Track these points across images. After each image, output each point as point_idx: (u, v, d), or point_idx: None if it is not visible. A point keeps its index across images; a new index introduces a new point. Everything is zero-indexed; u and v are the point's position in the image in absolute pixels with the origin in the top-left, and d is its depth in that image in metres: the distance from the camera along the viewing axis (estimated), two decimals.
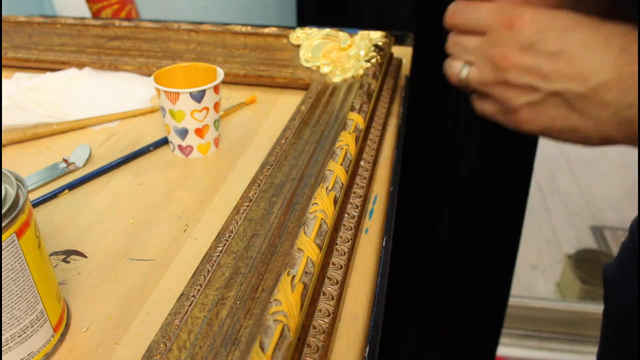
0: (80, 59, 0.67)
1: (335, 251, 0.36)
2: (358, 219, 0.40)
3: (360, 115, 0.46)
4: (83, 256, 0.39)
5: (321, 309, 0.32)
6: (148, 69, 0.65)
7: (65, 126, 0.55)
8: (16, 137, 0.53)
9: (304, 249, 0.30)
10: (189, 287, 0.32)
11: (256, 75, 0.63)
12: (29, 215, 0.29)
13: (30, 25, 0.72)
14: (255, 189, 0.41)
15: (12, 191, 0.28)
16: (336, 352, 0.32)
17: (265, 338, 0.24)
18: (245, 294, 0.31)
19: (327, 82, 0.60)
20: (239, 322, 0.29)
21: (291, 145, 0.47)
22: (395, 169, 0.49)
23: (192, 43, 0.67)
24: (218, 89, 0.50)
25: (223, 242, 0.35)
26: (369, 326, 0.33)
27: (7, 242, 0.27)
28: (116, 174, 0.49)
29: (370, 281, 0.37)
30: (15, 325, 0.28)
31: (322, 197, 0.35)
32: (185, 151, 0.52)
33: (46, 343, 0.31)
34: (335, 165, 0.38)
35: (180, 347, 0.28)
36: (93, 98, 0.61)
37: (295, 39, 0.65)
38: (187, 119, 0.49)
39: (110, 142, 0.54)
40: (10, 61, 0.69)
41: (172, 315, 0.30)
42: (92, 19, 0.74)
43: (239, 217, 0.38)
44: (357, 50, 0.62)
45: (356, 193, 0.43)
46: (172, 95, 0.48)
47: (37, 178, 0.47)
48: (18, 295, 0.28)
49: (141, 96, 0.62)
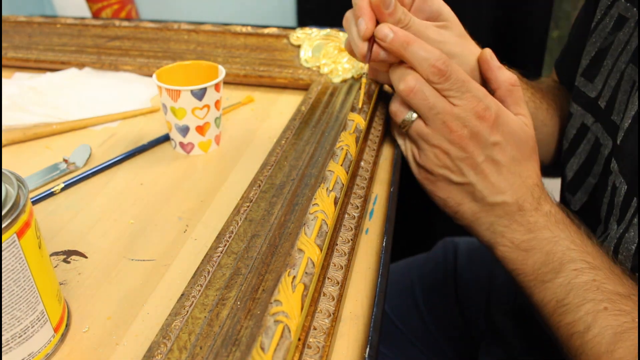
0: (80, 59, 0.67)
1: (336, 252, 0.36)
2: (358, 219, 0.40)
3: (360, 116, 0.46)
4: (83, 256, 0.39)
5: (321, 310, 0.32)
6: (148, 69, 0.65)
7: (65, 126, 0.55)
8: (16, 137, 0.53)
9: (304, 250, 0.30)
10: (189, 287, 0.32)
11: (256, 75, 0.63)
12: (30, 216, 0.29)
13: (30, 25, 0.72)
14: (255, 190, 0.41)
15: (13, 191, 0.28)
16: (336, 353, 0.32)
17: (265, 338, 0.24)
18: (245, 295, 0.31)
19: (327, 82, 0.60)
20: (240, 322, 0.29)
21: (291, 145, 0.47)
22: (395, 169, 0.49)
23: (192, 43, 0.67)
24: (219, 86, 0.50)
25: (223, 242, 0.35)
26: (369, 326, 0.33)
27: (7, 243, 0.27)
28: (116, 174, 0.49)
29: (370, 281, 0.37)
30: (16, 325, 0.28)
31: (322, 198, 0.35)
32: (186, 148, 0.52)
33: (47, 343, 0.31)
34: (335, 166, 0.38)
35: (181, 347, 0.28)
36: (93, 98, 0.61)
37: (295, 39, 0.65)
38: (188, 117, 0.49)
39: (111, 142, 0.54)
40: (10, 61, 0.69)
41: (173, 316, 0.30)
42: (92, 19, 0.74)
43: (240, 218, 0.38)
44: None
45: (356, 193, 0.43)
46: (174, 93, 0.48)
47: (37, 178, 0.47)
48: (19, 296, 0.28)
49: (141, 96, 0.62)
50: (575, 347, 0.36)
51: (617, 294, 0.36)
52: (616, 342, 0.34)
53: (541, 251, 0.40)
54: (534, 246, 0.41)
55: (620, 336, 0.34)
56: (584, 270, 0.38)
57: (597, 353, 0.34)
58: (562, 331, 0.38)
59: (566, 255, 0.39)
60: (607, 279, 0.37)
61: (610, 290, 0.36)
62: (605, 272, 0.38)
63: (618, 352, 0.33)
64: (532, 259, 0.41)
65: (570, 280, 0.38)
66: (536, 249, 0.41)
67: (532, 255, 0.41)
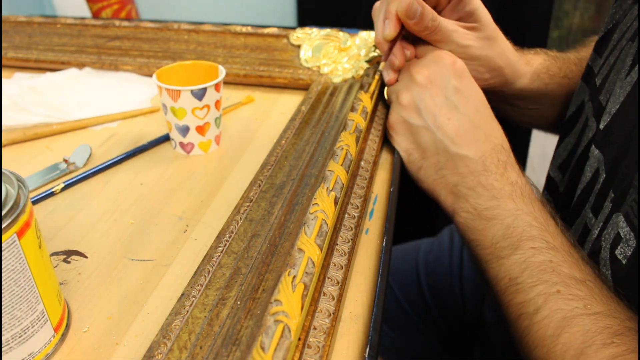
0: (80, 59, 0.67)
1: (336, 251, 0.36)
2: (358, 219, 0.40)
3: (360, 116, 0.46)
4: (83, 256, 0.39)
5: (322, 309, 0.32)
6: (148, 69, 0.65)
7: (65, 126, 0.55)
8: (16, 137, 0.53)
9: (304, 249, 0.30)
10: (189, 287, 0.32)
11: (256, 75, 0.63)
12: (30, 216, 0.29)
13: (30, 25, 0.72)
14: (255, 189, 0.41)
15: (13, 191, 0.28)
16: (336, 352, 0.32)
17: (265, 338, 0.24)
18: (245, 294, 0.31)
19: (327, 82, 0.60)
20: (240, 322, 0.29)
21: (291, 145, 0.47)
22: (395, 169, 0.49)
23: (192, 43, 0.67)
24: (219, 86, 0.50)
25: (223, 242, 0.35)
26: (369, 326, 0.33)
27: (7, 243, 0.27)
28: (116, 174, 0.49)
29: (370, 281, 0.37)
30: (16, 325, 0.28)
31: (322, 198, 0.35)
32: (186, 148, 0.52)
33: (47, 343, 0.31)
34: (335, 166, 0.39)
35: (181, 347, 0.28)
36: (93, 98, 0.61)
37: (295, 39, 0.65)
38: (188, 117, 0.49)
39: (111, 142, 0.54)
40: (10, 61, 0.69)
41: (173, 316, 0.30)
42: (92, 19, 0.74)
43: (240, 218, 0.38)
44: (357, 50, 0.62)
45: (356, 193, 0.43)
46: (174, 93, 0.48)
47: (37, 178, 0.47)
48: (19, 296, 0.28)
49: (141, 96, 0.62)
50: (522, 327, 0.35)
51: (573, 277, 0.35)
52: (564, 326, 0.32)
53: (502, 223, 0.39)
54: (496, 215, 0.40)
55: (569, 321, 0.32)
56: (542, 249, 0.36)
57: (543, 336, 0.33)
58: (512, 310, 0.36)
59: (526, 232, 0.38)
60: (565, 262, 0.36)
61: (566, 274, 0.35)
62: (564, 255, 0.36)
63: (564, 336, 0.32)
64: (492, 230, 0.40)
65: (526, 258, 0.36)
66: (497, 220, 0.40)
67: (493, 225, 0.40)
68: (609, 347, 0.30)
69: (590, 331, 0.31)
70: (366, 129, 0.49)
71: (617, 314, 0.32)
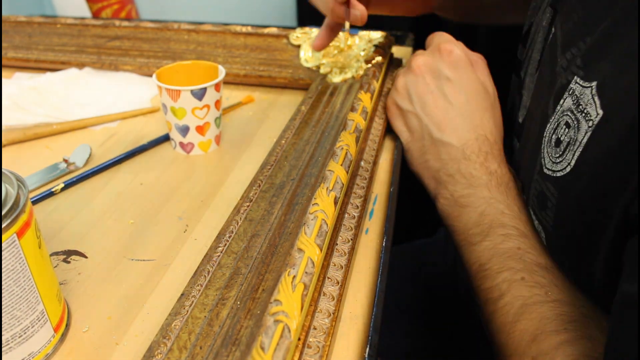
0: (80, 59, 0.67)
1: (336, 251, 0.36)
2: (358, 219, 0.40)
3: (360, 116, 0.46)
4: (83, 256, 0.39)
5: (321, 309, 0.32)
6: (148, 69, 0.65)
7: (65, 126, 0.55)
8: (16, 137, 0.53)
9: (304, 249, 0.30)
10: (189, 287, 0.32)
11: (256, 75, 0.63)
12: (30, 216, 0.29)
13: (30, 25, 0.72)
14: (255, 189, 0.41)
15: (13, 191, 0.28)
16: (336, 352, 0.32)
17: (265, 338, 0.24)
18: (245, 294, 0.31)
19: (327, 82, 0.60)
20: (240, 322, 0.29)
21: (291, 145, 0.47)
22: (395, 169, 0.49)
23: (192, 43, 0.67)
24: (219, 86, 0.50)
25: (223, 242, 0.35)
26: (369, 326, 0.33)
27: (7, 243, 0.27)
28: (116, 174, 0.49)
29: (370, 281, 0.37)
30: (16, 325, 0.28)
31: (322, 198, 0.35)
32: (186, 148, 0.52)
33: (47, 343, 0.31)
34: (335, 166, 0.38)
35: (181, 347, 0.28)
36: (93, 98, 0.61)
37: (295, 39, 0.65)
38: (188, 117, 0.49)
39: (111, 142, 0.54)
40: (10, 61, 0.69)
41: (173, 316, 0.30)
42: (92, 19, 0.74)
43: (239, 218, 0.38)
44: (357, 50, 0.62)
45: (356, 193, 0.43)
46: (174, 93, 0.48)
47: (37, 178, 0.47)
48: (19, 296, 0.28)
49: (141, 96, 0.62)
50: (488, 313, 0.35)
51: (538, 264, 0.35)
52: (522, 313, 0.33)
53: (475, 210, 0.40)
54: (471, 203, 0.41)
55: (528, 308, 0.33)
56: (511, 236, 0.37)
57: (503, 322, 0.34)
58: (481, 295, 0.37)
59: (497, 220, 0.38)
60: (532, 248, 0.36)
61: (532, 261, 0.35)
62: (532, 241, 0.37)
63: (522, 323, 0.32)
64: (465, 217, 0.40)
65: (495, 245, 0.37)
66: (471, 207, 0.40)
67: (467, 212, 0.40)
68: (560, 334, 0.31)
69: (545, 318, 0.32)
70: (366, 129, 0.49)
71: (576, 301, 0.33)
